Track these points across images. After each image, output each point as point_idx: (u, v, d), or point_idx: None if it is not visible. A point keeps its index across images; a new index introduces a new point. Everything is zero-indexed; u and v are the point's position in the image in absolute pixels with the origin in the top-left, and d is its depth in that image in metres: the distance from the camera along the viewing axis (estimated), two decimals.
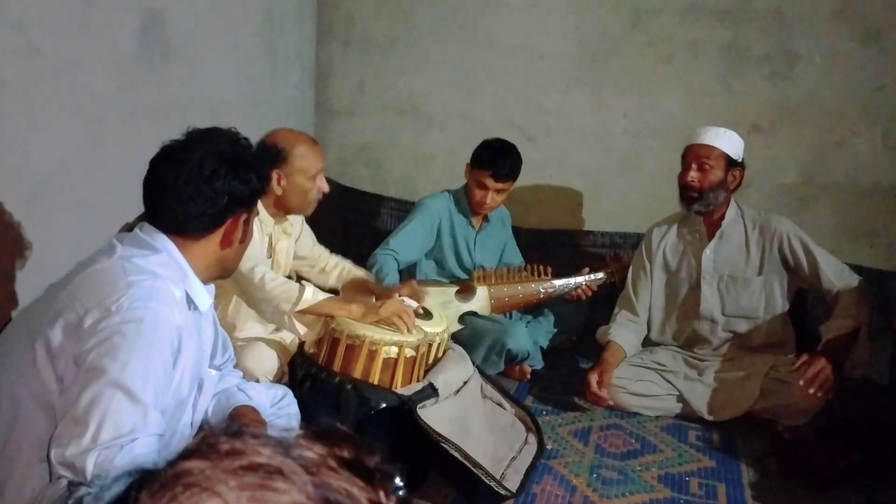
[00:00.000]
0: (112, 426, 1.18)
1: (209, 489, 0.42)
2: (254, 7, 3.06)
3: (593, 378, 2.49)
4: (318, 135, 3.79)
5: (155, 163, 1.43)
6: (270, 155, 2.14)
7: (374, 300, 2.33)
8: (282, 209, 2.29)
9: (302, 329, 2.10)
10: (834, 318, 2.42)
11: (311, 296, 2.05)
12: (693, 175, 2.54)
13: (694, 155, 2.55)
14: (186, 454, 0.45)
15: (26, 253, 1.95)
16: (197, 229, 1.43)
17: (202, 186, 1.38)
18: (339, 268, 2.56)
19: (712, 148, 2.53)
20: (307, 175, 2.22)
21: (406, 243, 2.83)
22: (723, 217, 2.62)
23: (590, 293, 2.95)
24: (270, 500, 0.42)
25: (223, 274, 1.55)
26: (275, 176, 2.12)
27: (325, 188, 2.27)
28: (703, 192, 2.54)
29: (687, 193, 2.57)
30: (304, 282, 2.16)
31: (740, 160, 2.57)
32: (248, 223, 1.50)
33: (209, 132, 1.47)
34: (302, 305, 2.04)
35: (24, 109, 1.93)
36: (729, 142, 2.55)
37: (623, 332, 2.69)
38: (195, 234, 1.43)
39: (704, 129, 2.59)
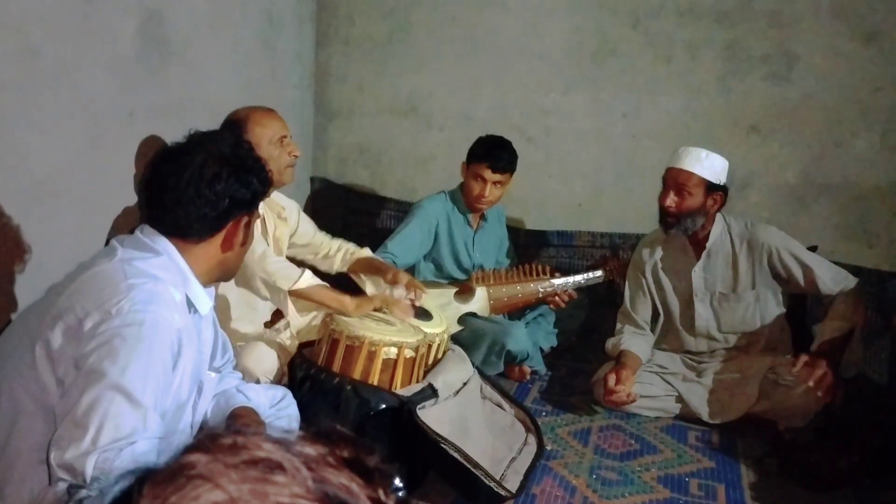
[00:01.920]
0: (112, 429, 1.18)
1: (212, 481, 0.43)
2: (253, 8, 3.06)
3: (612, 378, 2.47)
4: (317, 136, 3.80)
5: (156, 165, 1.43)
6: (229, 128, 2.16)
7: (381, 282, 2.42)
8: None
9: (294, 315, 2.11)
10: (828, 319, 2.42)
11: (310, 278, 2.12)
12: (671, 200, 2.49)
13: (672, 180, 2.50)
14: (190, 448, 0.46)
15: (26, 254, 1.95)
16: (198, 232, 1.43)
17: (203, 189, 1.38)
18: (343, 251, 2.56)
19: (691, 174, 2.46)
20: (271, 140, 2.20)
21: (404, 246, 2.84)
22: (708, 236, 2.58)
23: (567, 300, 2.92)
24: (271, 492, 0.43)
25: (224, 277, 1.55)
26: None
27: (296, 151, 2.26)
28: (680, 218, 2.50)
29: (665, 217, 2.54)
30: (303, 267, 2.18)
31: (722, 184, 2.49)
32: (249, 226, 1.50)
33: (210, 135, 1.47)
34: (300, 284, 2.09)
35: (23, 110, 1.93)
36: (709, 167, 2.46)
37: (635, 340, 2.66)
38: (196, 237, 1.43)
39: (685, 150, 2.50)
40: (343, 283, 2.45)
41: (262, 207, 2.28)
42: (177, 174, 1.38)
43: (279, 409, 1.76)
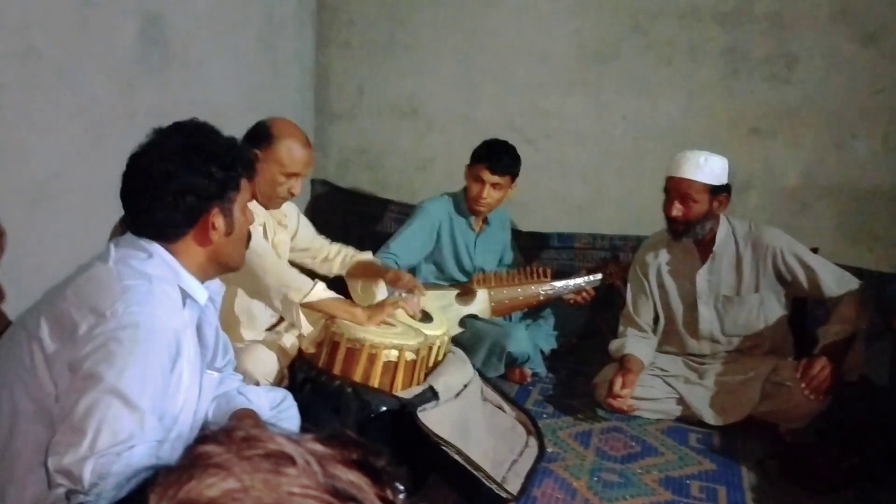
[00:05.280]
0: (109, 433, 1.17)
1: (226, 470, 0.44)
2: (254, 10, 3.06)
3: (618, 382, 2.45)
4: (317, 138, 3.80)
5: (124, 174, 1.41)
6: (258, 133, 2.14)
7: (381, 283, 2.43)
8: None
9: (306, 326, 2.10)
10: (832, 322, 2.41)
11: (323, 290, 2.09)
12: (677, 210, 2.46)
13: (675, 189, 2.47)
14: (204, 440, 0.47)
15: (26, 257, 1.95)
16: (171, 234, 1.40)
17: (158, 191, 1.35)
18: (342, 255, 2.56)
19: (692, 182, 2.43)
20: (283, 169, 2.15)
21: (406, 246, 2.84)
22: (713, 239, 2.55)
23: (589, 298, 2.93)
24: (283, 483, 0.44)
25: (223, 269, 1.50)
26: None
27: (297, 191, 2.22)
28: (689, 225, 2.49)
29: (673, 226, 2.52)
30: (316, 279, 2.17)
31: (724, 184, 2.48)
32: (227, 214, 1.43)
33: (167, 131, 1.42)
34: (312, 297, 2.07)
35: (24, 113, 1.93)
36: (710, 171, 2.43)
37: (638, 344, 2.64)
38: (172, 238, 1.40)
39: (684, 157, 2.47)
40: (338, 286, 2.45)
41: (264, 214, 2.28)
42: (133, 182, 1.37)
43: (280, 411, 1.75)
